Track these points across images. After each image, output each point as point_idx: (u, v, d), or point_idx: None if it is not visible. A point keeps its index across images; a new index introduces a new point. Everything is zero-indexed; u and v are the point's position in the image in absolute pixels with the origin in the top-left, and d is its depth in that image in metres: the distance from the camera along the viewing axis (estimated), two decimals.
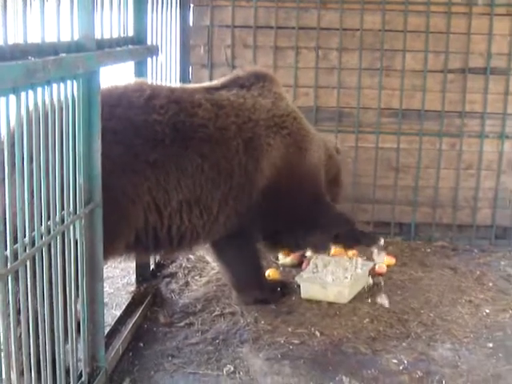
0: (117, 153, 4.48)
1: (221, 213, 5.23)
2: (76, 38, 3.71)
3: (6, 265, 3.01)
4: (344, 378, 4.78)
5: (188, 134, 4.97)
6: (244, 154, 5.27)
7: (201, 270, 6.68)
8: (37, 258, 3.34)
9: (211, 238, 5.55)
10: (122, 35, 5.08)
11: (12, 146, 3.04)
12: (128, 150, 4.63)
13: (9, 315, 3.12)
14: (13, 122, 3.06)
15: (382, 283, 6.21)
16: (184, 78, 7.50)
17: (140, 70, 5.64)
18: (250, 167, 5.32)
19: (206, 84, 5.74)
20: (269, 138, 5.46)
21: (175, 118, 4.92)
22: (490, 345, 5.33)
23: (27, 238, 3.24)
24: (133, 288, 6.05)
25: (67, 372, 3.86)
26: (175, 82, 7.10)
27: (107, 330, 4.97)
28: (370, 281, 6.29)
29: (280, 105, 5.67)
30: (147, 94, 4.91)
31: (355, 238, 6.19)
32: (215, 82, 5.70)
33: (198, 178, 5.00)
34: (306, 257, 6.62)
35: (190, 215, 5.04)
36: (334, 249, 6.63)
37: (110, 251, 4.51)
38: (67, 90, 3.61)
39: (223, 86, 5.53)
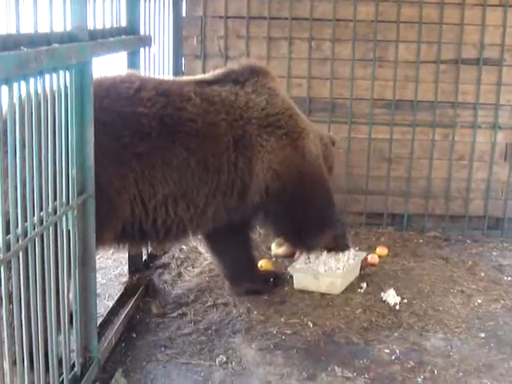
0: (104, 143, 4.46)
1: (208, 207, 5.20)
2: (69, 28, 3.70)
3: None
4: (336, 367, 4.80)
5: (175, 127, 4.93)
6: (234, 151, 5.23)
7: (193, 261, 6.69)
8: (29, 248, 3.34)
9: (200, 230, 5.54)
10: (114, 25, 5.08)
11: (4, 136, 3.04)
12: (115, 141, 4.61)
13: (1, 305, 3.12)
14: (5, 113, 3.05)
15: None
16: (177, 68, 7.48)
17: (133, 61, 5.63)
18: (241, 165, 5.28)
19: (199, 77, 5.69)
20: (261, 139, 5.41)
21: (163, 111, 4.89)
22: (482, 335, 5.35)
23: (20, 228, 3.24)
24: (125, 279, 6.05)
25: (60, 362, 3.87)
26: (168, 73, 7.09)
27: (100, 320, 4.98)
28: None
29: (275, 102, 5.59)
30: (135, 85, 4.88)
31: (345, 239, 6.32)
32: (208, 76, 5.65)
33: (183, 172, 4.96)
34: None
35: (175, 208, 5.01)
36: None
37: (99, 242, 4.50)
38: (60, 81, 3.60)
39: (216, 81, 5.47)
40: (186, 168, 4.97)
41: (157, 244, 5.51)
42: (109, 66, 5.27)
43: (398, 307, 5.72)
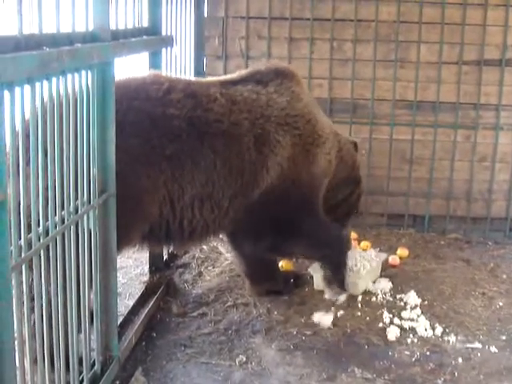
0: (133, 145, 4.49)
1: (231, 208, 5.21)
2: (91, 28, 3.72)
3: (20, 254, 3.04)
4: (356, 369, 4.80)
5: (203, 128, 4.95)
6: (254, 150, 5.22)
7: (214, 261, 6.70)
8: (51, 247, 3.36)
9: (220, 232, 5.55)
10: (136, 26, 5.10)
11: (27, 136, 3.06)
12: (145, 142, 4.63)
13: (23, 304, 3.14)
14: (28, 113, 3.07)
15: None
16: (198, 69, 7.49)
17: (155, 61, 5.64)
18: (258, 164, 5.26)
19: (223, 77, 5.69)
20: (278, 135, 5.36)
21: (192, 113, 4.91)
22: (503, 337, 5.32)
23: (41, 227, 3.26)
24: (146, 278, 6.08)
25: (80, 361, 3.89)
26: (190, 74, 7.10)
27: (120, 319, 5.00)
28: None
29: (295, 105, 5.54)
30: (165, 87, 4.90)
31: (339, 269, 5.92)
32: (234, 76, 5.63)
33: (210, 174, 4.98)
34: None
35: (201, 210, 5.02)
36: None
37: (125, 242, 4.53)
38: (82, 81, 3.62)
39: (240, 81, 5.47)
40: (213, 169, 4.98)
41: (180, 245, 5.51)
42: (131, 66, 5.30)
43: (418, 309, 5.69)
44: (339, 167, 6.03)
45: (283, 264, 6.41)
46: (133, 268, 6.48)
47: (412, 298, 5.85)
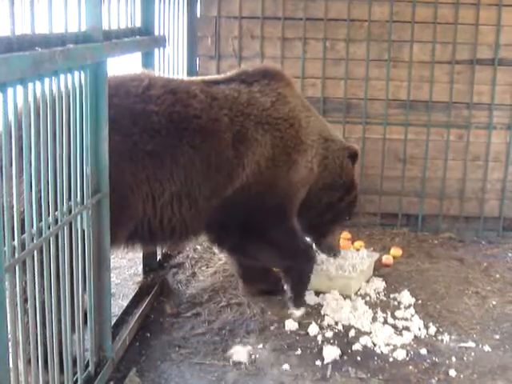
0: (115, 141, 4.46)
1: (207, 206, 5.14)
2: (83, 28, 3.71)
3: (14, 255, 3.03)
4: (350, 368, 4.80)
5: (182, 124, 4.93)
6: (232, 148, 5.16)
7: (208, 261, 6.69)
8: (44, 248, 3.36)
9: (201, 231, 5.49)
10: (129, 26, 5.09)
11: (19, 136, 3.05)
12: (126, 138, 4.61)
13: (16, 305, 3.14)
14: (20, 113, 3.07)
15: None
16: (191, 69, 7.48)
17: (147, 61, 5.64)
18: (234, 161, 5.18)
19: (208, 77, 5.67)
20: (257, 134, 5.29)
21: (171, 109, 4.89)
22: (497, 336, 5.33)
23: (35, 228, 3.26)
24: (140, 278, 6.07)
25: (74, 362, 3.88)
26: (182, 74, 7.10)
27: (114, 320, 4.99)
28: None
29: (280, 107, 5.46)
30: (144, 84, 4.88)
31: (299, 284, 5.82)
32: (219, 76, 5.63)
33: (189, 171, 4.94)
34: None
35: (180, 208, 4.98)
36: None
37: (112, 240, 4.50)
38: (74, 81, 3.61)
39: (224, 80, 5.45)
40: (191, 166, 4.94)
41: (162, 244, 5.49)
42: (124, 66, 5.29)
43: (412, 308, 5.70)
44: (323, 174, 5.83)
45: None
46: (126, 268, 6.48)
47: (405, 297, 5.86)
